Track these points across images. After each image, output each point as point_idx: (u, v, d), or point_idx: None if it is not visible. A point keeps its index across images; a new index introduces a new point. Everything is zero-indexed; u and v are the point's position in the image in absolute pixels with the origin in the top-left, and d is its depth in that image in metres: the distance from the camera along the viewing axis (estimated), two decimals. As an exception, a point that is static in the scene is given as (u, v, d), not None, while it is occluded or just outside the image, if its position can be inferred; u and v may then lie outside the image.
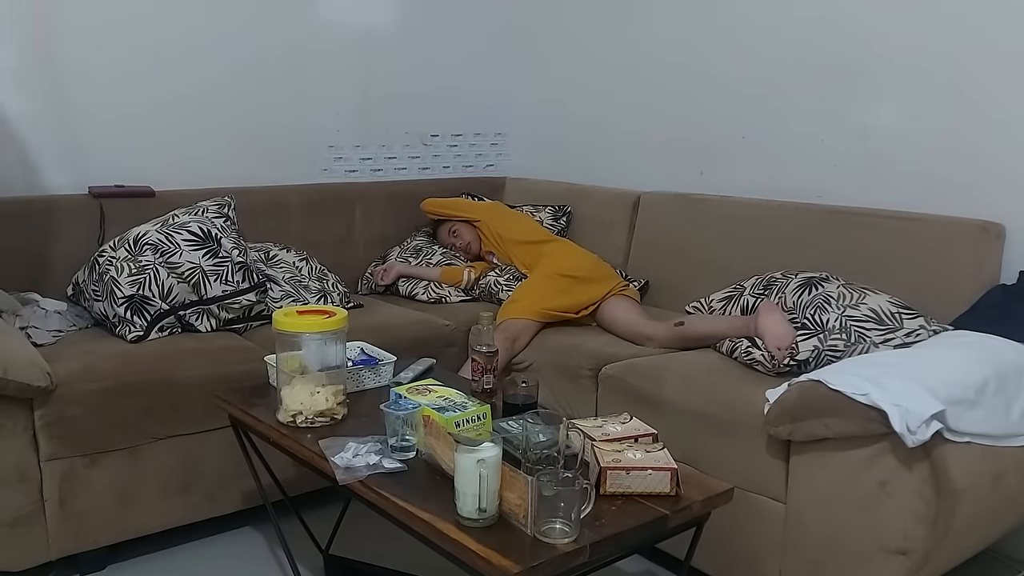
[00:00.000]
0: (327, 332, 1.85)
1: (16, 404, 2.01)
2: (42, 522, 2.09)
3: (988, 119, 2.40)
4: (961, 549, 1.88)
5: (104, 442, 2.15)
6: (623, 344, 2.65)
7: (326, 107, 3.36)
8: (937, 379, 1.79)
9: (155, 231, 2.50)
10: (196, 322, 2.51)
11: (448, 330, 2.81)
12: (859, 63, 2.66)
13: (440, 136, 3.72)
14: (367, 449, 1.66)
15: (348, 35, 3.36)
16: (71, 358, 2.20)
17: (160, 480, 2.25)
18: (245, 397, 2.02)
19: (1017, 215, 2.33)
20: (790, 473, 1.94)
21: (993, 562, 2.31)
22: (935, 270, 2.35)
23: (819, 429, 1.83)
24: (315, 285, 2.87)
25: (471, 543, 1.36)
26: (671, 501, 1.52)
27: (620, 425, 1.72)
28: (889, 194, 2.60)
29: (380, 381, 2.11)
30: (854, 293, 2.28)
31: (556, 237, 3.24)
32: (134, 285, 2.41)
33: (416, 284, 3.16)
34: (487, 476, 1.38)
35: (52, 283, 2.66)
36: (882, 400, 1.71)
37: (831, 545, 1.86)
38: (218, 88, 3.07)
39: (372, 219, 3.38)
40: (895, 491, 1.75)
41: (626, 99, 3.40)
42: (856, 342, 2.16)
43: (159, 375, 2.22)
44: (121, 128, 2.90)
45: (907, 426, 1.67)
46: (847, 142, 2.72)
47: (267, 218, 3.07)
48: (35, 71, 2.72)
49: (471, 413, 1.68)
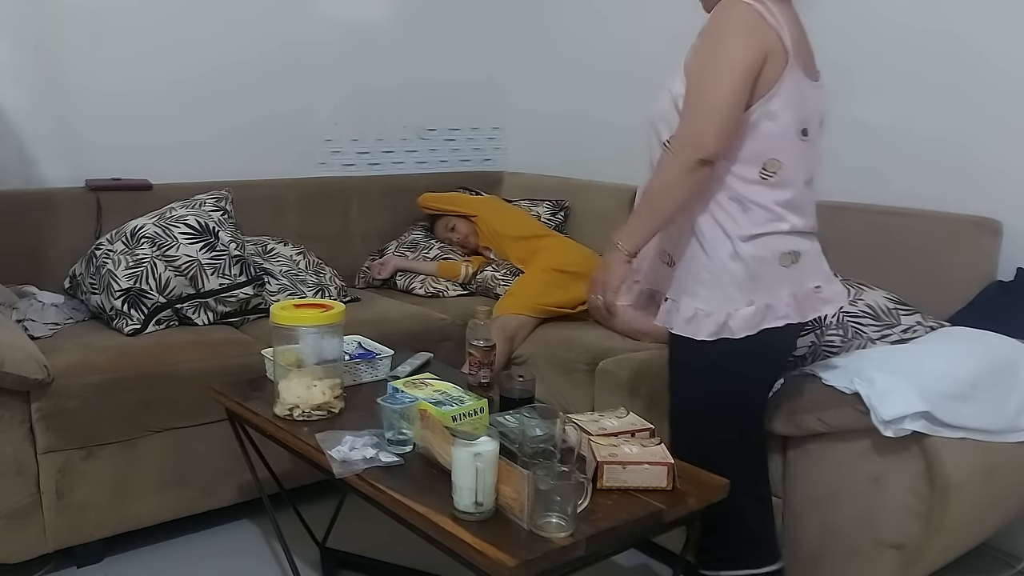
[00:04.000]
0: (324, 326, 1.85)
1: (13, 397, 2.01)
2: (39, 514, 2.09)
3: (985, 115, 2.40)
4: (956, 544, 1.89)
5: (101, 435, 2.15)
6: (619, 339, 2.65)
7: (323, 101, 3.35)
8: (931, 374, 1.79)
9: (152, 224, 2.49)
10: (193, 315, 2.51)
11: (445, 324, 2.81)
12: (854, 59, 2.66)
13: (437, 130, 3.71)
14: (364, 443, 1.66)
15: (345, 29, 3.35)
16: (68, 351, 2.20)
17: (157, 473, 2.25)
18: (242, 390, 2.02)
19: (1014, 211, 2.33)
20: (786, 468, 1.95)
21: (988, 557, 2.32)
22: (932, 266, 2.35)
23: (814, 424, 1.83)
24: (312, 279, 2.87)
25: (467, 537, 1.36)
26: (667, 496, 1.52)
27: (617, 420, 1.72)
28: (885, 190, 2.60)
29: (377, 375, 2.11)
30: (851, 289, 2.28)
31: (552, 232, 3.24)
32: (131, 278, 2.41)
33: (413, 278, 3.16)
34: (483, 470, 1.39)
35: (49, 276, 2.66)
36: (866, 393, 1.72)
37: (826, 539, 1.87)
38: (215, 82, 3.07)
39: (369, 213, 3.38)
40: (890, 486, 1.75)
41: (624, 94, 3.39)
42: (853, 338, 2.17)
43: (156, 368, 2.22)
44: (118, 121, 2.89)
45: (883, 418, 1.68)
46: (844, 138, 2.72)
47: (264, 212, 3.07)
48: (31, 64, 2.71)
49: (468, 407, 1.68)
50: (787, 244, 1.66)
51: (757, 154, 1.62)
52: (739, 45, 1.56)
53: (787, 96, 1.60)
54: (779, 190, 1.64)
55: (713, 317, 1.65)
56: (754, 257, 1.63)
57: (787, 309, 1.66)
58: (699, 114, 1.58)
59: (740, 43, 1.56)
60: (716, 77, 1.56)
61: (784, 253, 1.66)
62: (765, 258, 1.64)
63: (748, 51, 1.56)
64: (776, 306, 1.65)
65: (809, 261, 1.70)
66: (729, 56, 1.56)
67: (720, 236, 1.65)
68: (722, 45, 1.58)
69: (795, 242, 1.67)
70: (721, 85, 1.55)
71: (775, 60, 1.58)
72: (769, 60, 1.57)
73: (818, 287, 1.71)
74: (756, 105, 1.59)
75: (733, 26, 1.58)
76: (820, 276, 1.72)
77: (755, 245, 1.63)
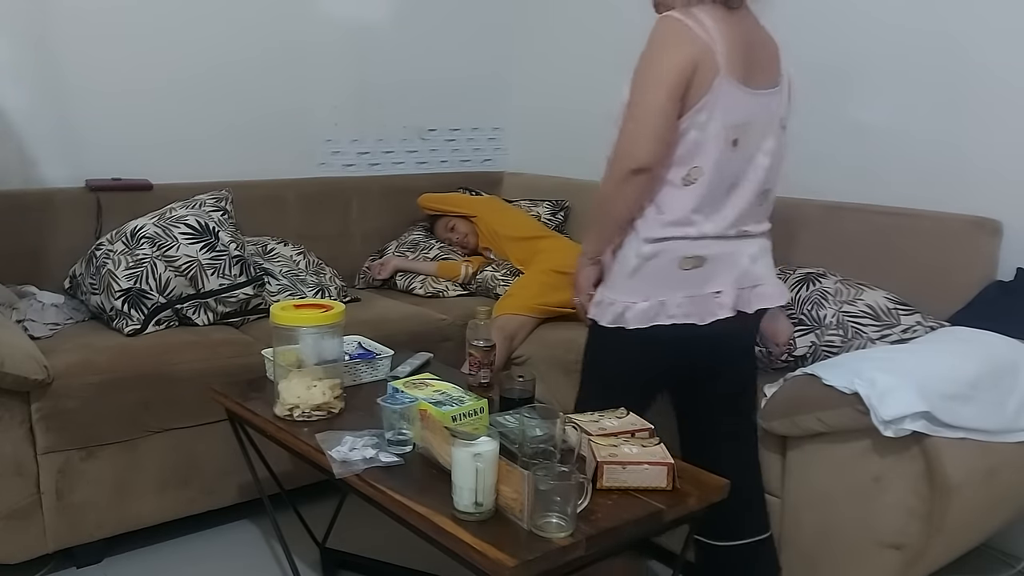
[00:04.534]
0: (324, 326, 1.85)
1: (13, 397, 2.01)
2: (39, 515, 2.10)
3: (984, 115, 2.40)
4: (956, 544, 1.89)
5: (101, 435, 2.15)
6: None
7: (323, 101, 3.35)
8: (931, 374, 1.79)
9: (152, 224, 2.49)
10: (193, 316, 2.51)
11: (445, 324, 2.81)
12: (853, 58, 2.66)
13: (437, 130, 3.71)
14: (364, 443, 1.66)
15: (345, 29, 3.35)
16: (68, 351, 2.20)
17: (157, 473, 2.25)
18: (242, 391, 2.02)
19: (1014, 211, 2.33)
20: (786, 468, 1.95)
21: (988, 557, 2.32)
22: (932, 266, 2.35)
23: (813, 424, 1.83)
24: (312, 279, 2.87)
25: (467, 537, 1.36)
26: (667, 496, 1.52)
27: (616, 420, 1.72)
28: (885, 191, 2.60)
29: (377, 375, 2.11)
30: (851, 289, 2.28)
31: (552, 233, 3.24)
32: (131, 278, 2.41)
33: (413, 278, 3.16)
34: (483, 470, 1.39)
35: (49, 276, 2.66)
36: (866, 393, 1.72)
37: (826, 540, 1.87)
38: (215, 81, 3.07)
39: (369, 213, 3.38)
40: (890, 486, 1.75)
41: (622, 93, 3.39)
42: (853, 338, 2.17)
43: (156, 368, 2.22)
44: (118, 121, 2.89)
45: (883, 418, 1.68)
46: (843, 138, 2.72)
47: (264, 212, 3.07)
48: (32, 64, 2.71)
49: (468, 407, 1.68)
50: (692, 249, 1.74)
51: (682, 161, 1.70)
52: (666, 57, 1.65)
53: (716, 106, 1.67)
54: (697, 197, 1.72)
55: (615, 307, 1.78)
56: (655, 258, 1.74)
57: (678, 310, 1.75)
58: (631, 125, 1.67)
59: (667, 55, 1.65)
60: (645, 89, 1.66)
61: (687, 257, 1.74)
62: (665, 260, 1.74)
63: (674, 63, 1.64)
64: (668, 305, 1.75)
65: (714, 267, 1.77)
66: (657, 67, 1.65)
67: (633, 235, 1.76)
68: (651, 57, 1.68)
69: (703, 247, 1.75)
70: (650, 96, 1.65)
71: (704, 71, 1.64)
72: (698, 71, 1.64)
73: (718, 292, 1.77)
74: (687, 115, 1.67)
75: (662, 39, 1.68)
76: (723, 282, 1.78)
77: (658, 247, 1.73)
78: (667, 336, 1.76)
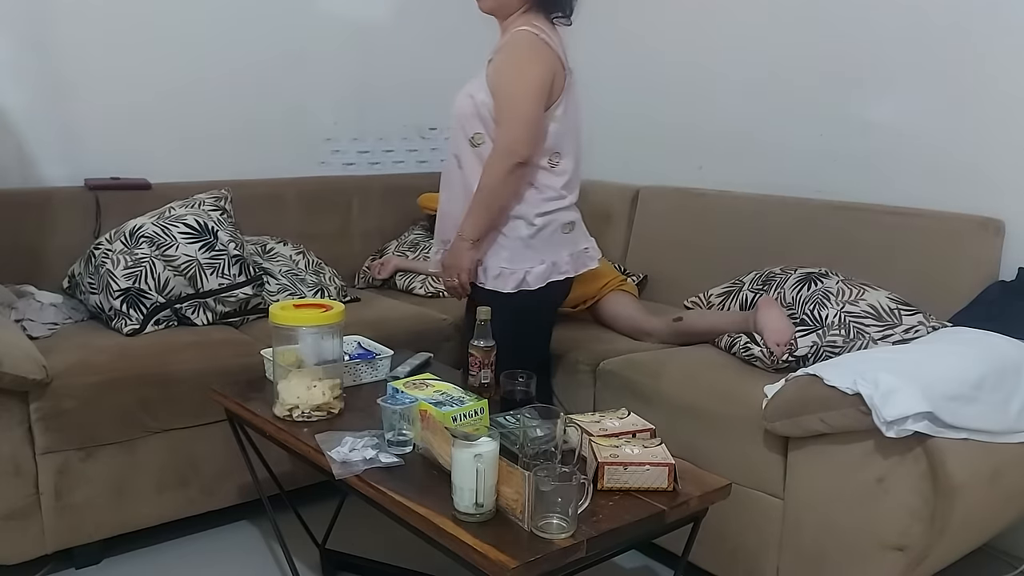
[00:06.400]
0: (324, 326, 1.85)
1: (11, 397, 2.00)
2: (38, 515, 2.09)
3: (988, 114, 2.39)
4: (959, 545, 1.88)
5: (100, 435, 2.14)
6: (621, 339, 2.64)
7: (323, 100, 3.35)
8: (934, 375, 1.79)
9: (151, 224, 2.49)
10: (192, 315, 2.50)
11: (445, 324, 2.81)
12: (859, 58, 2.66)
13: (438, 129, 3.70)
14: (364, 443, 1.66)
15: (346, 28, 3.34)
16: (67, 351, 2.19)
17: (156, 474, 2.24)
18: (241, 391, 2.01)
19: (1017, 211, 2.33)
20: (788, 469, 1.94)
21: (991, 558, 2.31)
22: (934, 266, 2.34)
23: (815, 424, 1.83)
24: (312, 279, 2.86)
25: (468, 538, 1.35)
26: (668, 497, 1.52)
27: (618, 420, 1.72)
28: (888, 189, 2.59)
29: (377, 375, 2.10)
30: (853, 289, 2.27)
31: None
32: (130, 278, 2.40)
33: (413, 278, 3.15)
34: (484, 471, 1.38)
35: (48, 276, 2.65)
36: (869, 394, 1.71)
37: (828, 541, 1.86)
38: (215, 80, 3.06)
39: (369, 213, 3.38)
40: (892, 487, 1.75)
41: (625, 93, 3.38)
42: (855, 338, 2.16)
43: (155, 369, 2.22)
44: (117, 120, 2.89)
45: (886, 418, 1.67)
46: (847, 137, 2.71)
47: (264, 211, 3.06)
48: (31, 64, 2.71)
49: (468, 408, 1.67)
50: (568, 216, 2.17)
51: (547, 149, 2.09)
52: (536, 68, 2.03)
53: (567, 103, 2.10)
54: (561, 176, 2.13)
55: (516, 275, 2.12)
56: (545, 227, 2.12)
57: (567, 266, 2.18)
58: (514, 126, 2.02)
59: (536, 66, 2.03)
60: (523, 96, 2.01)
61: (566, 223, 2.16)
62: (552, 228, 2.13)
63: (542, 72, 2.03)
64: (559, 263, 2.16)
65: (580, 228, 2.23)
66: (531, 77, 2.02)
67: (522, 213, 2.10)
68: (523, 68, 2.03)
69: (572, 214, 2.18)
70: (528, 102, 2.01)
71: (559, 77, 2.06)
72: (556, 77, 2.05)
73: (586, 248, 2.25)
74: (547, 112, 2.06)
75: (527, 53, 2.03)
76: (587, 240, 2.26)
77: (546, 219, 2.12)
78: (559, 288, 2.18)
